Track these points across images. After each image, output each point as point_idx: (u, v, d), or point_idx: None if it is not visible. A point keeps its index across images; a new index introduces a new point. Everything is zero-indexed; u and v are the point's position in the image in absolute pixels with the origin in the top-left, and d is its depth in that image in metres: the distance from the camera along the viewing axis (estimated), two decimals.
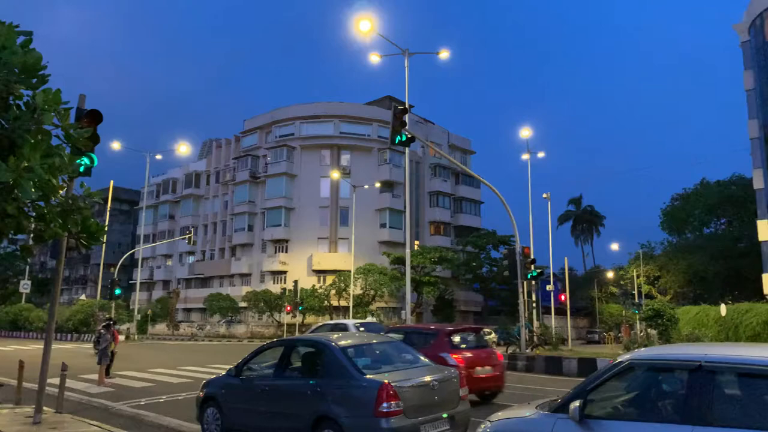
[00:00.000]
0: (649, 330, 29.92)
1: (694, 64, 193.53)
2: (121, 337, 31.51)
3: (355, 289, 46.15)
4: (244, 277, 60.37)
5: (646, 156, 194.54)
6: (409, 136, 17.44)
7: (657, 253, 57.43)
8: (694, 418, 3.81)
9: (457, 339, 11.86)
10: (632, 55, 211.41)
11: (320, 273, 54.34)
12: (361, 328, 17.93)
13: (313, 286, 50.22)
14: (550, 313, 43.20)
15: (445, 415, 6.88)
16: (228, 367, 9.15)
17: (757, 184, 38.55)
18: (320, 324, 21.97)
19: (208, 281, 65.02)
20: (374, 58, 24.48)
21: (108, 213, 45.80)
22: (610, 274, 60.80)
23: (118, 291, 38.30)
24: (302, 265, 55.23)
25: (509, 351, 24.87)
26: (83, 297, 60.98)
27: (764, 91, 35.96)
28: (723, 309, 27.80)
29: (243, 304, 53.76)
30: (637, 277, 52.11)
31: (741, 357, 4.08)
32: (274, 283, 56.14)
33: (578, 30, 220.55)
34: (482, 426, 4.98)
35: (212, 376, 9.24)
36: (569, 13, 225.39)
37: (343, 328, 18.01)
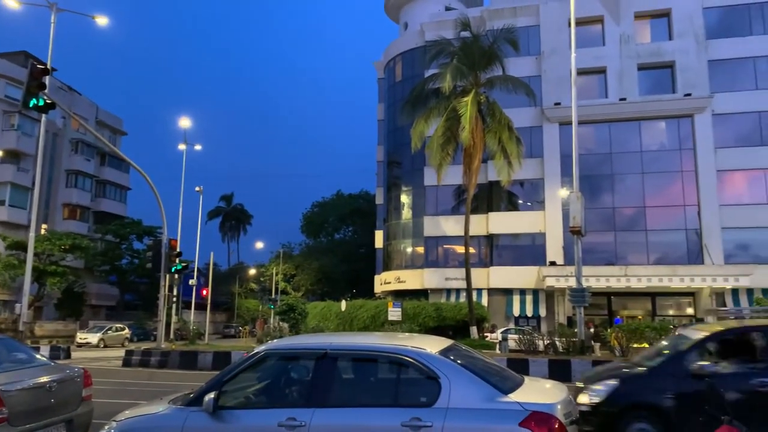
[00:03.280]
0: (281, 323, 32.47)
1: (353, 89, 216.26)
2: None
3: None
4: None
5: (296, 165, 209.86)
6: (48, 101, 15.13)
7: (296, 253, 62.92)
8: (317, 401, 4.27)
9: None
10: (299, 70, 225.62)
11: None
12: None
13: None
14: (191, 308, 42.79)
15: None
16: None
17: (379, 200, 46.14)
18: None
19: None
20: (11, 4, 20.55)
21: None
22: (252, 271, 63.63)
23: None
24: None
25: (143, 348, 23.71)
26: None
27: (390, 123, 42.83)
28: (343, 304, 32.20)
29: None
30: (276, 274, 55.85)
31: (355, 344, 4.83)
32: None
33: (263, 32, 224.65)
34: (106, 427, 4.62)
35: None
36: (250, 14, 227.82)
37: None
